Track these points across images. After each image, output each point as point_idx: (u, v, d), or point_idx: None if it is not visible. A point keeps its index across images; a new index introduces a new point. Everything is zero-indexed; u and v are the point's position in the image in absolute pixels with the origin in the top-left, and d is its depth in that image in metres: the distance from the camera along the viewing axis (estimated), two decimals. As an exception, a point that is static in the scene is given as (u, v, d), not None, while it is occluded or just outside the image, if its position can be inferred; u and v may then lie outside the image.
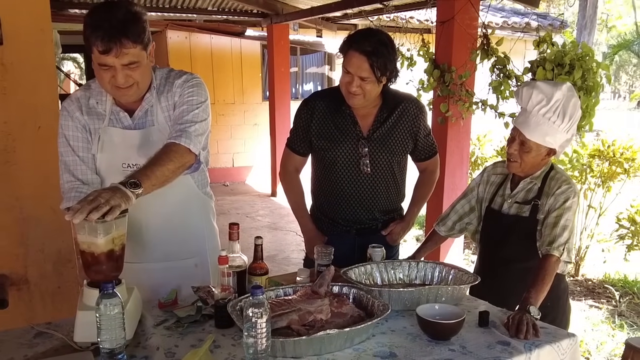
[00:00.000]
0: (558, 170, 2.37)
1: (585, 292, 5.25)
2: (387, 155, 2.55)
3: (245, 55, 10.01)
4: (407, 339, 1.83)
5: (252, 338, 1.51)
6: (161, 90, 2.09)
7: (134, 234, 2.07)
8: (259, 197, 9.25)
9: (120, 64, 1.87)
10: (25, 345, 1.74)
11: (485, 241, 2.52)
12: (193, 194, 2.25)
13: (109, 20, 1.83)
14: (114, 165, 2.07)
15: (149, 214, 2.12)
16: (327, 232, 2.67)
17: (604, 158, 5.27)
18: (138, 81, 1.95)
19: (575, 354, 1.88)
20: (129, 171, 1.96)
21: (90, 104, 2.08)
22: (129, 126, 2.08)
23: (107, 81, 1.92)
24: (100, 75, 1.92)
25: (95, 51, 1.84)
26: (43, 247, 2.92)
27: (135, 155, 2.05)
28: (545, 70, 3.76)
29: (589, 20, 14.44)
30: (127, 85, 1.93)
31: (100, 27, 1.81)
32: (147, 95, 2.06)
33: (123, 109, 2.07)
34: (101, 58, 1.85)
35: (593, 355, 3.99)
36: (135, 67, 1.90)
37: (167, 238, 2.19)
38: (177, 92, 2.08)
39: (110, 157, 2.07)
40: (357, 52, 2.35)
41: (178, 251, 2.23)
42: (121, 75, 1.89)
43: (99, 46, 1.82)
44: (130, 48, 1.85)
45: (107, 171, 2.08)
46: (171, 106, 2.09)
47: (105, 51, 1.83)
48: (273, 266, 5.54)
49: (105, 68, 1.88)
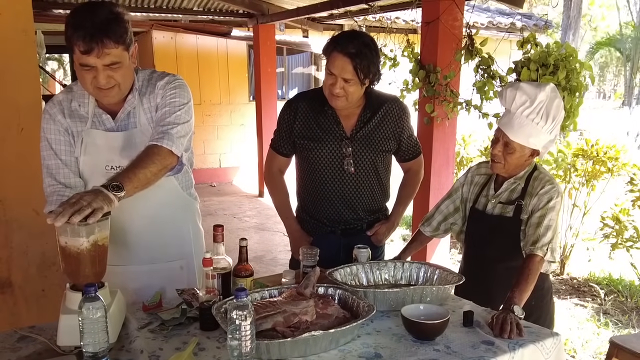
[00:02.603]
0: (541, 170, 2.39)
1: (571, 290, 5.29)
2: (370, 155, 2.55)
3: (232, 55, 9.99)
4: (392, 339, 1.84)
5: (237, 340, 1.51)
6: (143, 92, 2.09)
7: (118, 236, 2.07)
8: (246, 197, 9.23)
9: (101, 65, 1.86)
10: (8, 349, 1.73)
11: (470, 241, 2.53)
12: (177, 196, 2.24)
13: (91, 20, 1.82)
14: (97, 168, 2.06)
15: (133, 216, 2.11)
16: (312, 232, 2.67)
17: (587, 157, 5.31)
18: (120, 82, 1.94)
19: (559, 353, 1.89)
20: (112, 173, 1.94)
21: (72, 106, 2.06)
22: (111, 128, 2.07)
23: (88, 82, 1.91)
24: (82, 76, 1.91)
25: (77, 51, 1.83)
26: (27, 249, 2.91)
27: (118, 158, 2.04)
28: (530, 71, 3.78)
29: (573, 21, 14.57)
30: (109, 87, 1.92)
31: (82, 26, 1.81)
32: (130, 97, 2.05)
33: (105, 111, 2.06)
34: (83, 58, 1.84)
35: (578, 353, 4.02)
36: (117, 67, 1.90)
37: (152, 240, 2.18)
38: (159, 93, 2.07)
39: (93, 160, 2.06)
40: (340, 54, 2.35)
41: (163, 253, 2.22)
42: (103, 75, 1.88)
43: (81, 46, 1.81)
44: (112, 48, 1.85)
45: (90, 174, 2.07)
46: (153, 108, 2.08)
47: (86, 51, 1.82)
48: (260, 267, 5.54)
49: (87, 69, 1.87)
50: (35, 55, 2.93)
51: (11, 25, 2.74)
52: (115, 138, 2.06)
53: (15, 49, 2.77)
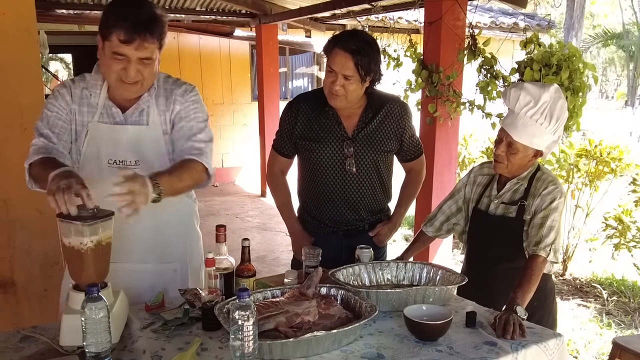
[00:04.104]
0: (544, 170, 2.38)
1: (574, 291, 5.28)
2: (372, 155, 2.55)
3: (234, 55, 9.99)
4: (395, 340, 1.83)
5: (239, 341, 1.51)
6: (158, 93, 2.11)
7: (121, 233, 2.07)
8: (249, 197, 9.23)
9: (136, 57, 1.90)
10: (10, 349, 1.73)
11: (472, 242, 2.53)
12: (179, 198, 2.23)
13: (137, 13, 1.88)
14: (99, 161, 2.06)
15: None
16: (314, 233, 2.67)
17: (591, 158, 5.30)
18: (145, 79, 1.98)
19: (562, 353, 1.89)
20: (114, 168, 2.00)
21: (83, 94, 2.07)
22: (120, 122, 2.08)
23: (115, 71, 1.93)
24: (109, 65, 1.93)
25: (115, 39, 1.86)
26: (30, 249, 2.91)
27: (122, 152, 2.06)
28: (533, 71, 3.78)
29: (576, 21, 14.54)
30: (134, 81, 1.95)
31: (127, 18, 1.86)
32: (145, 95, 2.07)
33: (115, 104, 2.07)
34: (120, 47, 1.87)
35: (581, 353, 4.02)
36: (148, 63, 1.95)
37: (151, 240, 2.17)
38: (178, 100, 2.12)
39: (96, 153, 2.06)
40: (341, 50, 2.35)
41: (163, 253, 2.22)
42: (133, 68, 1.92)
43: (122, 35, 1.85)
44: (150, 44, 1.91)
45: (91, 166, 2.06)
46: (169, 112, 2.11)
47: (127, 41, 1.86)
48: (263, 267, 5.55)
49: (120, 58, 1.90)
50: (38, 55, 2.94)
51: (14, 25, 2.75)
52: (123, 132, 2.07)
53: (18, 48, 2.77)
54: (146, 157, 2.09)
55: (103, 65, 1.97)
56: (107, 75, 1.98)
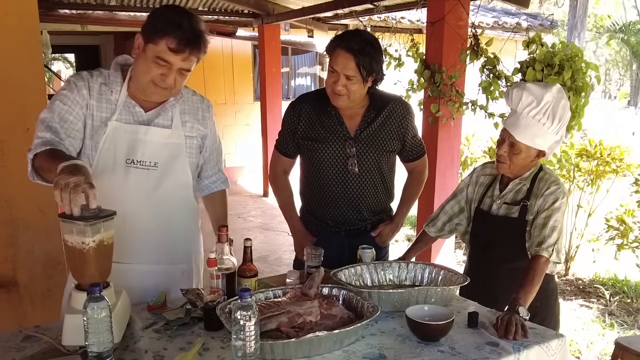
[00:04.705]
0: (547, 171, 2.38)
1: (576, 291, 5.27)
2: (374, 155, 2.55)
3: (237, 55, 10.00)
4: (397, 340, 1.83)
5: (241, 341, 1.51)
6: (183, 100, 2.16)
7: (126, 234, 2.08)
8: (251, 197, 9.23)
9: (179, 67, 1.94)
10: (13, 348, 1.73)
11: (475, 242, 2.53)
12: (187, 198, 2.25)
13: (191, 25, 1.92)
14: (117, 160, 2.04)
15: (144, 214, 2.11)
16: (316, 233, 2.67)
17: (591, 158, 5.29)
18: (176, 87, 2.01)
19: (564, 354, 1.88)
20: (132, 167, 2.02)
21: (102, 89, 2.04)
22: (143, 122, 2.08)
23: (153, 75, 1.94)
24: (148, 67, 1.94)
25: (164, 45, 1.88)
26: (32, 249, 2.91)
27: (141, 152, 2.06)
28: (535, 71, 3.77)
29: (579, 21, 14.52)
30: (168, 87, 1.98)
31: (182, 27, 1.89)
32: (171, 100, 2.10)
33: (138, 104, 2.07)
34: (166, 54, 1.90)
35: (583, 354, 4.01)
36: (186, 74, 1.99)
37: (159, 240, 2.17)
38: (204, 116, 2.24)
39: (114, 151, 2.04)
40: (343, 50, 2.36)
41: (168, 255, 2.22)
42: (172, 77, 1.95)
43: (173, 44, 1.88)
44: (195, 57, 1.95)
45: (106, 165, 2.04)
46: (193, 120, 2.19)
47: (177, 50, 1.89)
48: (265, 267, 5.54)
49: (163, 64, 1.92)
50: (41, 55, 2.94)
51: (17, 25, 2.75)
52: (147, 132, 2.07)
53: (20, 49, 2.77)
54: (167, 160, 2.10)
55: (140, 66, 1.97)
56: (142, 76, 1.97)
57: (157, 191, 2.09)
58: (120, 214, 1.75)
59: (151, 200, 2.07)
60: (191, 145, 2.20)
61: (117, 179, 2.03)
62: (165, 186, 2.11)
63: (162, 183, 2.10)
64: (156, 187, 2.09)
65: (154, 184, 2.09)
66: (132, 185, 2.05)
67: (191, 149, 2.20)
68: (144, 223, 2.12)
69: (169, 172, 2.11)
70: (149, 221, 2.12)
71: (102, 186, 1.98)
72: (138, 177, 2.06)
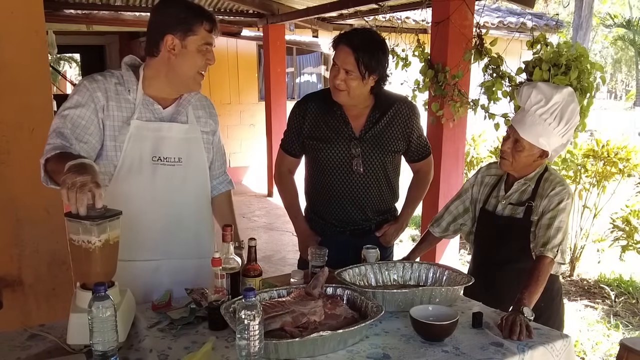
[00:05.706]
0: (552, 171, 2.38)
1: (581, 292, 5.26)
2: (380, 156, 2.55)
3: (242, 55, 10.00)
4: (401, 340, 1.83)
5: (245, 340, 1.51)
6: (195, 97, 2.22)
7: (159, 230, 2.12)
8: (255, 197, 9.24)
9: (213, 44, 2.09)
10: (18, 347, 1.74)
11: (479, 242, 2.52)
12: (207, 191, 2.31)
13: (198, 4, 2.12)
14: (143, 157, 2.07)
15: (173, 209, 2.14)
16: (321, 233, 2.67)
17: (598, 158, 5.27)
18: None
19: (569, 355, 1.88)
20: (159, 164, 2.07)
21: (118, 89, 2.05)
22: (162, 118, 2.11)
23: (199, 65, 2.06)
24: (194, 60, 2.05)
25: (202, 31, 2.01)
26: (37, 248, 2.92)
27: (166, 148, 2.10)
28: (542, 71, 3.76)
29: (584, 21, 14.48)
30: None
31: (204, 12, 2.04)
32: (186, 95, 2.16)
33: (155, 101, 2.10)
34: (208, 37, 2.04)
35: (588, 355, 4.00)
36: None
37: (188, 234, 2.21)
38: (212, 113, 2.31)
39: (140, 150, 2.06)
40: (345, 46, 2.39)
41: (197, 247, 2.24)
42: (212, 54, 2.09)
43: (208, 25, 2.02)
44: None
45: (133, 163, 2.06)
46: (206, 116, 2.27)
47: (212, 29, 2.04)
48: (269, 267, 5.55)
49: (206, 49, 2.05)
50: (47, 55, 2.94)
51: (22, 25, 2.76)
52: (169, 129, 2.11)
53: (26, 49, 2.78)
54: (188, 155, 2.16)
55: (182, 63, 2.04)
56: (188, 70, 2.06)
57: (184, 185, 2.15)
58: (151, 211, 1.76)
59: (179, 194, 2.13)
60: (207, 140, 2.26)
61: (145, 176, 2.07)
62: (190, 180, 2.17)
63: (187, 177, 2.16)
64: (183, 182, 2.15)
65: (181, 179, 2.14)
66: (160, 181, 2.09)
67: (207, 143, 2.26)
68: (174, 218, 2.16)
69: (191, 166, 2.17)
70: (178, 215, 2.16)
71: (130, 185, 2.03)
72: (165, 173, 2.10)
